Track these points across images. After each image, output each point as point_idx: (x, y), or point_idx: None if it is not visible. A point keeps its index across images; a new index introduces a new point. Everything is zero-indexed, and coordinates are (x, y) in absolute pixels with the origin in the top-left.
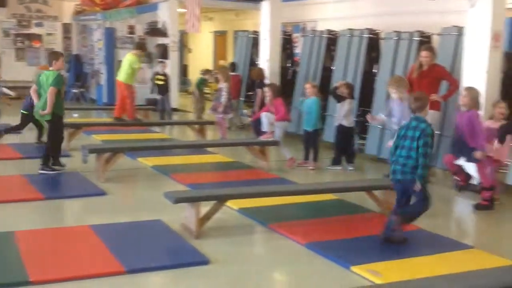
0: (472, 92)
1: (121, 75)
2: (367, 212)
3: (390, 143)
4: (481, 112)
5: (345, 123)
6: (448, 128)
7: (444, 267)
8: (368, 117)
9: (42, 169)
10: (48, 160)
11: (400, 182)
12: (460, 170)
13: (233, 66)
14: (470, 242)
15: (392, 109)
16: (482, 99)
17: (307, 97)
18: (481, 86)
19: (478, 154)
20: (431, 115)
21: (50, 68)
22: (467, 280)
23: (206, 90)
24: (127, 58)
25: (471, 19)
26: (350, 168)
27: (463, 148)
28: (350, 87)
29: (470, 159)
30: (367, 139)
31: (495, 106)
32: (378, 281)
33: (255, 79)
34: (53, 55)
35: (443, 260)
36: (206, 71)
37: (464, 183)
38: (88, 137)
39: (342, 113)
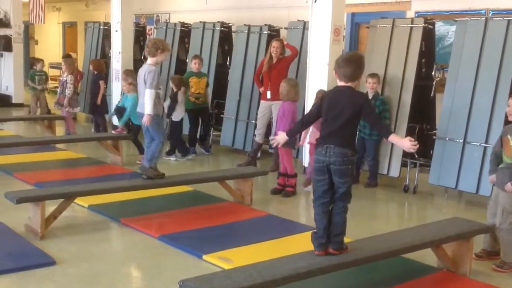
0: (291, 83)
1: None
2: (220, 201)
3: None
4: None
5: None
6: None
7: (291, 248)
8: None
9: None
10: None
11: None
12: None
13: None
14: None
15: None
16: (325, 89)
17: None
18: (324, 77)
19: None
20: None
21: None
22: (310, 259)
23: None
24: None
25: (314, 14)
26: (182, 159)
27: None
28: (180, 79)
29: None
30: (222, 130)
31: None
32: (228, 267)
33: (94, 71)
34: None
35: (290, 242)
36: (35, 60)
37: (281, 188)
38: None
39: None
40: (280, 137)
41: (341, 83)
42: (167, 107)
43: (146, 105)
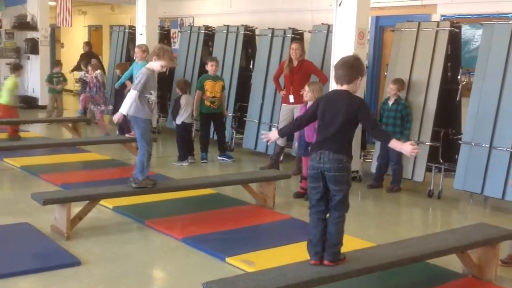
0: (315, 87)
1: (4, 99)
2: (243, 204)
3: None
4: None
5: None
6: None
7: None
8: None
9: None
10: None
11: None
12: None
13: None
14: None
15: None
16: None
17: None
18: None
19: None
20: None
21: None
22: None
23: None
24: (8, 83)
25: (338, 17)
26: (191, 161)
27: (303, 143)
28: (185, 83)
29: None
30: (245, 133)
31: None
32: (250, 269)
33: (120, 75)
34: None
35: None
36: (56, 63)
37: (304, 191)
38: None
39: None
40: (272, 134)
41: (337, 86)
42: (171, 111)
43: (124, 104)
